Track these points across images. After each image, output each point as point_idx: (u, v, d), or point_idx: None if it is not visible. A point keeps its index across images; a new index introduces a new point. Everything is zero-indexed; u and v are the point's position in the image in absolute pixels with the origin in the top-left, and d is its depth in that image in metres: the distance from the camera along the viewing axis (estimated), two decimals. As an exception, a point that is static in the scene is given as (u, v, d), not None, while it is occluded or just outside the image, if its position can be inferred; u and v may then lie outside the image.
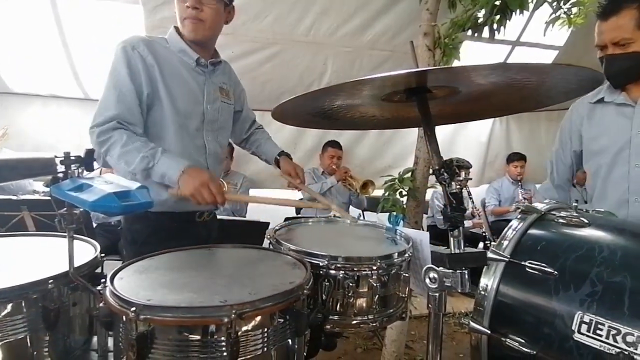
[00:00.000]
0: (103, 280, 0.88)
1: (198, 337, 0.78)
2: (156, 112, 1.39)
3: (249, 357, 0.82)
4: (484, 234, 4.03)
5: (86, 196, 0.75)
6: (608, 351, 0.77)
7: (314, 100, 0.89)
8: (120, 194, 0.77)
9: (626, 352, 0.75)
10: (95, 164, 0.90)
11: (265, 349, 0.84)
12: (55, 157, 0.83)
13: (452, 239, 0.82)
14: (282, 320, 0.87)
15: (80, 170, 0.83)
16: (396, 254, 1.15)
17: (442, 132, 4.25)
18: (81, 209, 0.84)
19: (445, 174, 0.81)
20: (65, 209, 0.84)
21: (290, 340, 0.90)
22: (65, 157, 0.83)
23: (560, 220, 0.99)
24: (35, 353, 0.92)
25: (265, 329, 0.84)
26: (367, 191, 3.42)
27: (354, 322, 1.11)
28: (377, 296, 1.10)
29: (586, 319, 0.80)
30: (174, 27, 1.47)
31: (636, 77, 1.47)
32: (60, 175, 0.82)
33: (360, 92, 0.84)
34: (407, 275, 1.17)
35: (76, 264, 0.94)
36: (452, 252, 0.82)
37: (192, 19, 1.36)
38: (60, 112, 3.46)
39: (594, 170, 1.62)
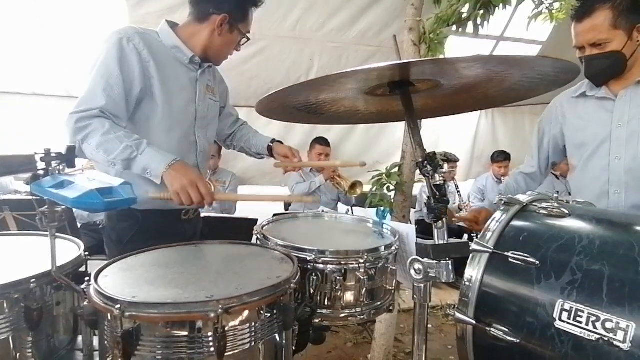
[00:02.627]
0: (87, 278, 0.87)
1: (185, 333, 0.78)
2: (145, 108, 1.36)
3: (236, 351, 0.82)
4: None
5: (68, 193, 0.74)
6: (588, 337, 0.78)
7: (299, 94, 0.89)
8: (103, 190, 0.76)
9: (605, 338, 0.76)
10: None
11: (253, 343, 0.84)
12: (36, 154, 0.81)
13: (436, 230, 0.83)
14: (269, 314, 0.87)
15: (61, 167, 0.82)
16: (383, 247, 1.16)
17: (429, 127, 4.28)
18: (63, 207, 0.83)
19: (429, 166, 0.81)
20: (46, 206, 0.82)
21: (278, 335, 0.90)
22: (46, 154, 0.81)
23: (542, 212, 1.01)
24: (18, 354, 0.90)
25: (253, 324, 0.84)
26: (355, 191, 3.42)
27: (342, 315, 1.12)
28: (364, 289, 1.11)
29: (567, 306, 0.82)
30: (166, 21, 1.45)
31: (616, 74, 1.49)
32: (41, 172, 0.81)
33: (344, 85, 0.84)
34: (394, 268, 1.18)
35: (59, 262, 0.93)
36: (436, 243, 0.83)
37: (228, 56, 1.53)
38: (42, 110, 3.39)
39: (575, 162, 1.65)
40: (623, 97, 1.50)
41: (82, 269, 1.06)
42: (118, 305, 0.75)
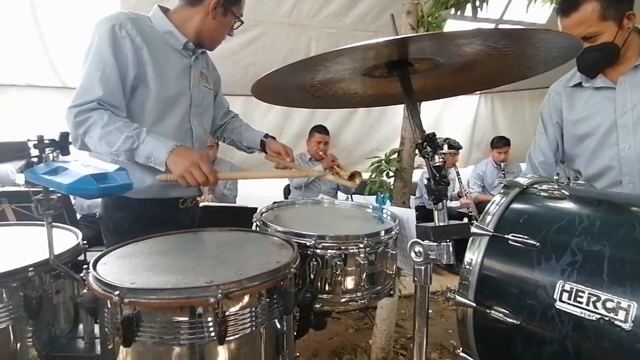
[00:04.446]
0: (85, 266, 0.86)
1: (185, 319, 0.78)
2: (139, 96, 1.34)
3: (237, 336, 0.82)
4: (470, 213, 4.09)
5: (62, 179, 0.73)
6: (588, 317, 0.78)
7: (295, 75, 0.87)
8: (98, 176, 0.75)
9: (606, 318, 0.76)
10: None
11: (254, 328, 0.85)
12: (29, 140, 0.80)
13: (436, 212, 0.82)
14: (269, 299, 0.87)
15: (55, 154, 0.81)
16: (383, 231, 1.16)
17: (428, 114, 4.26)
18: (58, 194, 0.82)
19: (428, 148, 0.80)
20: (41, 194, 0.82)
21: (278, 319, 0.90)
22: (39, 141, 0.80)
23: (542, 194, 1.01)
24: (19, 344, 0.91)
25: (253, 308, 0.84)
26: (354, 182, 3.41)
27: (343, 300, 1.13)
28: (365, 274, 1.11)
29: (567, 287, 0.82)
30: (158, 6, 1.42)
31: (609, 65, 1.46)
32: (35, 159, 0.80)
33: (341, 65, 0.82)
34: (394, 252, 1.18)
35: (57, 251, 0.92)
36: (437, 224, 0.82)
37: (221, 41, 1.51)
38: (38, 101, 3.36)
39: (581, 154, 1.61)
40: (623, 84, 1.47)
41: (81, 257, 1.06)
42: (117, 292, 0.75)
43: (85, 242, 1.09)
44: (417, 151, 0.86)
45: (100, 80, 1.24)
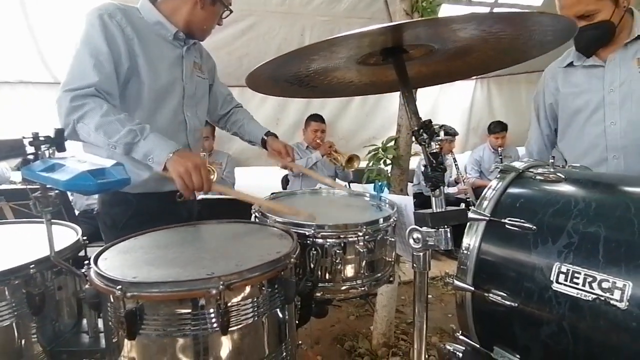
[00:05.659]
0: (86, 262, 0.87)
1: (188, 311, 0.79)
2: (132, 88, 1.32)
3: (240, 326, 0.83)
4: (467, 199, 4.11)
5: (59, 176, 0.73)
6: (585, 298, 0.79)
7: (289, 65, 0.86)
8: (95, 172, 0.75)
9: (602, 298, 0.77)
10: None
11: (256, 317, 0.85)
12: (24, 138, 0.79)
13: (433, 198, 0.83)
14: (270, 289, 0.88)
15: (51, 151, 0.80)
16: (381, 219, 1.16)
17: (424, 101, 4.25)
18: (56, 191, 0.82)
19: (425, 134, 0.81)
20: (39, 192, 0.81)
21: (280, 309, 0.91)
22: (34, 138, 0.79)
23: (538, 177, 1.01)
24: (23, 340, 0.91)
25: (255, 299, 0.85)
26: (352, 165, 3.42)
27: (343, 288, 1.14)
28: (364, 262, 1.12)
29: (563, 269, 0.83)
30: None
31: (606, 43, 1.47)
32: (31, 157, 0.79)
33: (335, 54, 0.82)
34: (393, 239, 1.19)
35: (58, 248, 0.92)
36: (434, 211, 0.83)
37: (211, 30, 1.50)
38: (31, 98, 3.32)
39: (570, 131, 1.64)
40: (612, 61, 1.48)
41: (82, 253, 1.06)
42: (119, 286, 0.76)
43: (85, 237, 1.09)
44: (413, 138, 0.86)
45: (95, 67, 1.21)
